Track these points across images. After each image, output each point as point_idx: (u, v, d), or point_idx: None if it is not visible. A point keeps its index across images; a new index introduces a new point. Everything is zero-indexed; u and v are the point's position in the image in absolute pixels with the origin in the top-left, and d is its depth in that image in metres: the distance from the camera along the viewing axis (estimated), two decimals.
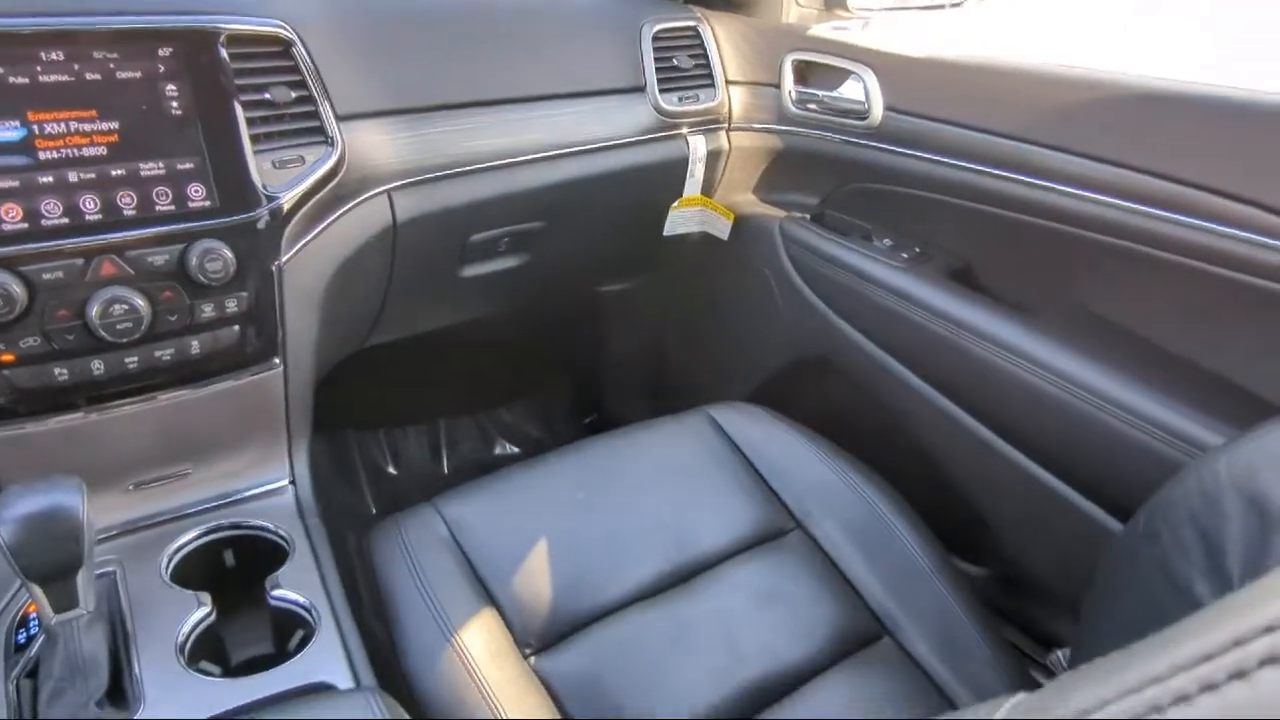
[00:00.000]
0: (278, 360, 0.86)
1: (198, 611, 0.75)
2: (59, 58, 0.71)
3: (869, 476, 1.00)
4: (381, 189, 0.93)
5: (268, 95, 0.81)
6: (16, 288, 0.70)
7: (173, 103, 0.77)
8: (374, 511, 1.53)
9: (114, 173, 0.74)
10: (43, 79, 0.70)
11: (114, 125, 0.74)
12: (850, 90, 1.10)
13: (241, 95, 0.79)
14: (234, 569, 0.86)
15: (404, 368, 1.50)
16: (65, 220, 0.72)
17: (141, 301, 0.75)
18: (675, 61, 1.16)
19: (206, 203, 0.77)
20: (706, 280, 1.41)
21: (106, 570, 0.78)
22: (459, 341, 1.44)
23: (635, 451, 1.01)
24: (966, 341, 0.98)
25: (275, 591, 0.79)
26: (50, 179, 0.71)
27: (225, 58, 0.78)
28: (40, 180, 0.71)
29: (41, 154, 0.71)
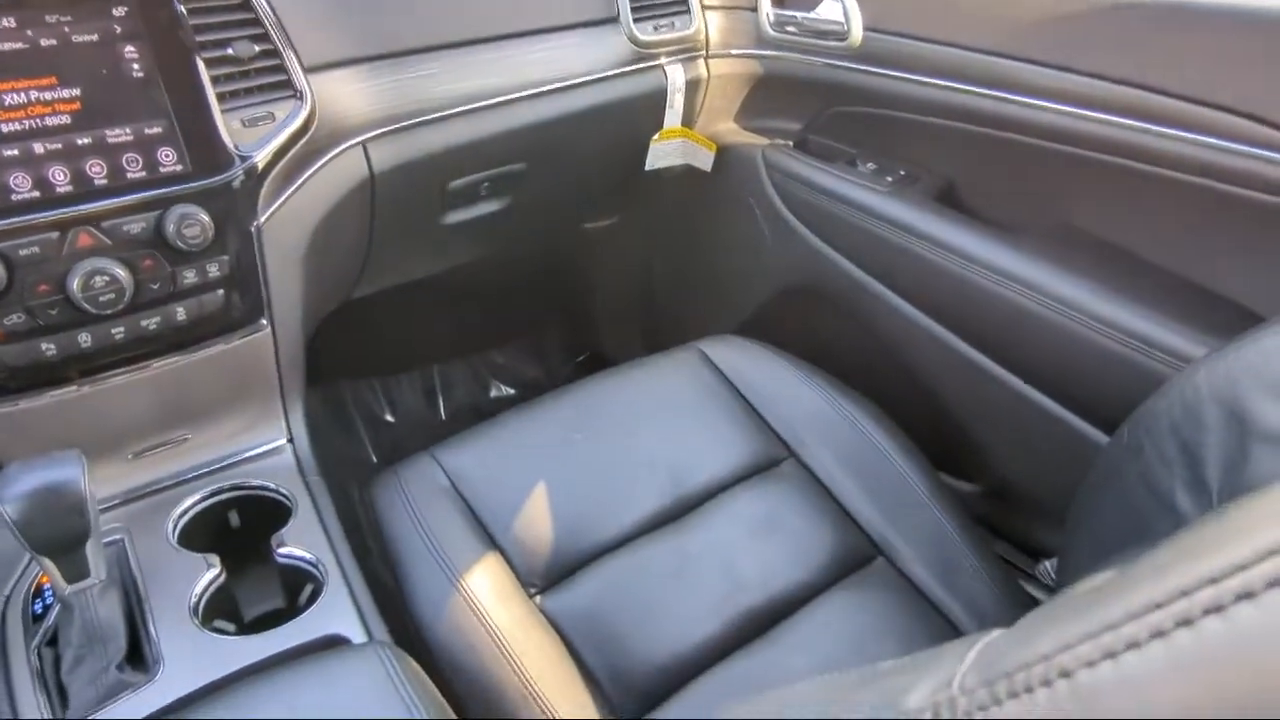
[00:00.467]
0: (265, 321, 0.86)
1: (208, 573, 0.77)
2: (11, 25, 0.69)
3: (859, 402, 1.01)
4: (355, 141, 0.92)
5: (230, 50, 0.79)
6: None
7: (133, 64, 0.75)
8: (375, 460, 1.55)
9: (80, 141, 0.72)
10: None
11: (75, 92, 0.72)
12: (828, 10, 1.07)
13: (203, 52, 0.77)
14: (239, 529, 0.88)
15: (394, 316, 1.50)
16: (36, 194, 0.71)
17: (122, 271, 0.74)
18: None
19: (178, 167, 0.76)
20: (692, 213, 1.40)
21: (114, 539, 0.80)
22: (448, 287, 1.44)
23: (627, 390, 1.02)
24: (951, 263, 0.98)
25: (281, 549, 0.81)
26: (15, 152, 0.70)
27: (183, 12, 0.75)
28: (5, 154, 0.69)
29: (3, 126, 0.70)
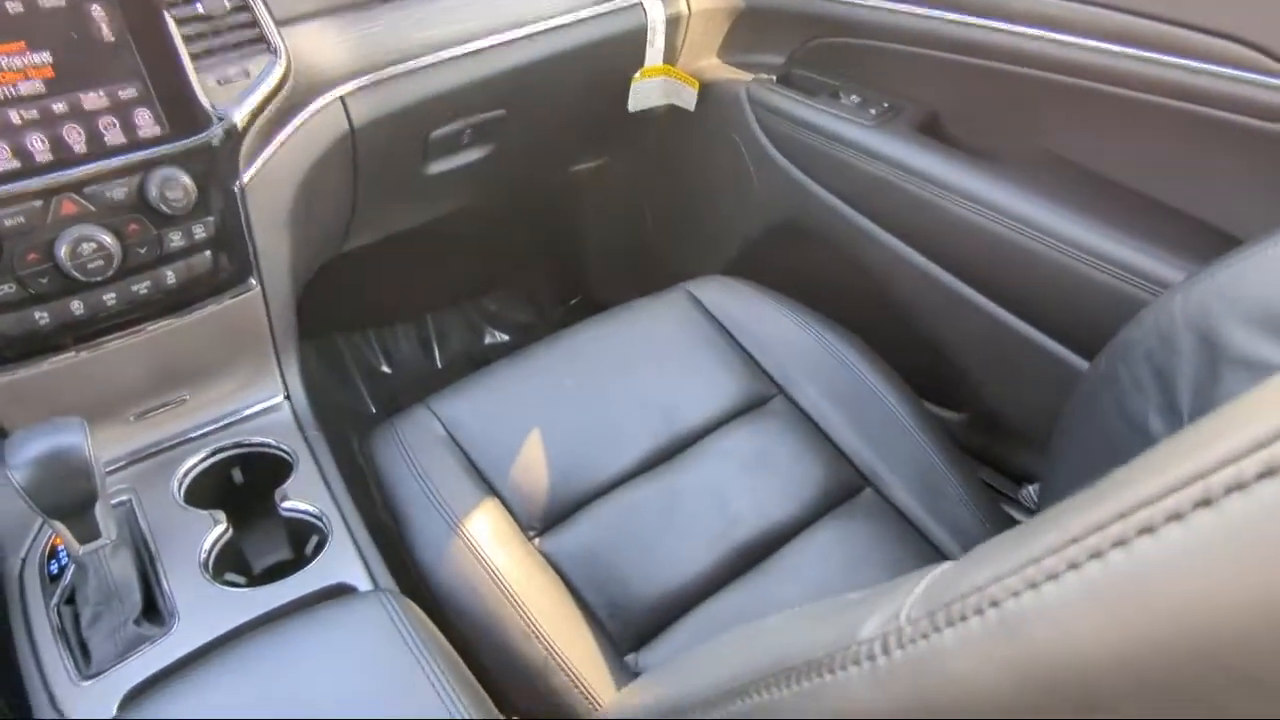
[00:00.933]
0: (254, 281, 0.87)
1: (215, 529, 0.80)
2: None
3: (845, 337, 1.02)
4: (333, 94, 0.91)
5: (199, 7, 0.78)
6: None
7: (102, 26, 0.74)
8: (373, 411, 1.57)
9: (56, 108, 0.72)
10: None
11: (46, 58, 0.71)
12: None
13: (172, 10, 0.76)
14: (243, 485, 0.90)
15: (385, 268, 1.50)
16: (16, 163, 0.71)
17: (109, 238, 0.75)
18: None
19: (156, 129, 0.76)
20: (678, 152, 1.40)
21: (122, 499, 0.82)
22: (437, 236, 1.44)
23: (618, 334, 1.04)
24: (934, 195, 0.98)
25: (285, 503, 0.83)
26: None
27: None
28: None
29: None
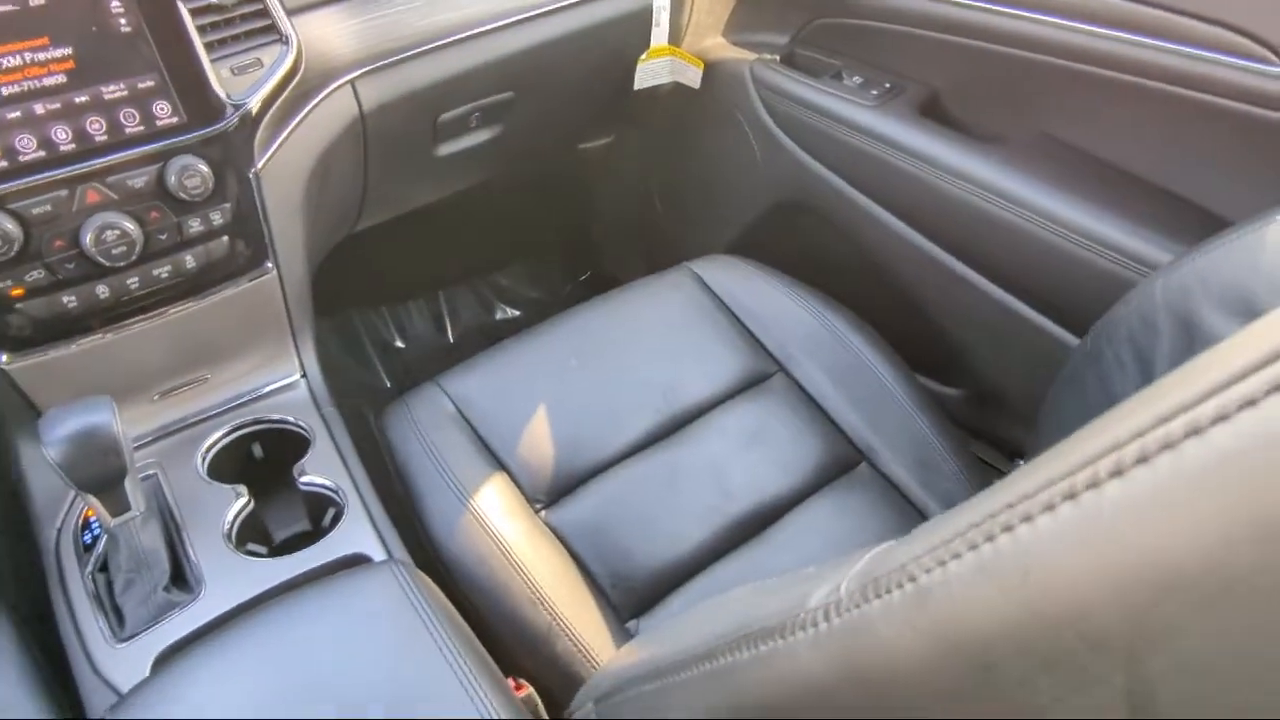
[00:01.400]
0: (270, 264, 0.90)
1: (237, 502, 0.84)
2: None
3: (845, 316, 1.05)
4: (343, 80, 0.94)
5: None
6: (10, 225, 0.73)
7: (120, 20, 0.76)
8: (388, 385, 1.61)
9: (78, 100, 0.75)
10: None
11: (67, 51, 0.74)
12: None
13: (186, 2, 0.79)
14: (263, 460, 0.94)
15: (398, 246, 1.53)
16: (41, 154, 0.74)
17: (131, 225, 0.78)
18: None
19: (174, 119, 0.79)
20: (684, 131, 1.41)
21: (149, 473, 0.86)
22: (449, 214, 1.47)
23: (622, 314, 1.06)
24: (932, 176, 1.00)
25: (304, 478, 0.87)
26: (18, 114, 0.73)
27: None
28: (8, 116, 0.72)
29: (3, 89, 0.72)
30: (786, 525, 0.88)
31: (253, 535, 0.86)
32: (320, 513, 0.89)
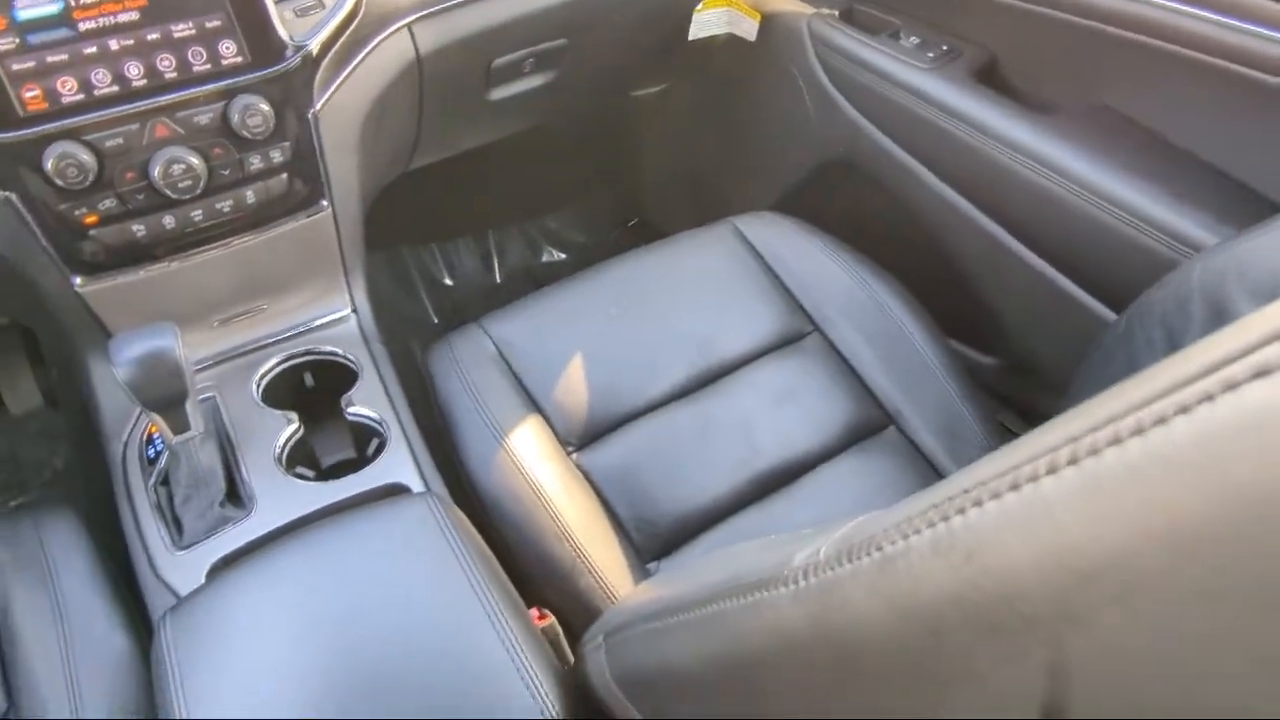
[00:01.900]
0: (325, 202, 0.93)
1: (289, 428, 0.89)
2: None
3: (884, 279, 1.05)
4: (401, 24, 0.95)
5: None
6: (86, 156, 0.78)
7: None
8: (435, 321, 1.66)
9: (150, 37, 0.78)
10: None
11: None
12: None
13: None
14: (314, 389, 0.99)
15: (450, 185, 1.56)
16: (115, 88, 0.78)
17: (196, 160, 0.82)
18: None
19: (239, 58, 0.82)
20: (737, 82, 1.40)
21: (208, 396, 0.92)
22: (500, 155, 1.49)
23: (664, 266, 1.08)
24: (982, 142, 0.99)
25: (351, 409, 0.92)
26: (94, 49, 0.76)
27: None
28: (85, 51, 0.76)
29: (81, 24, 0.76)
30: (809, 482, 0.91)
31: (301, 459, 0.91)
32: (365, 442, 0.94)
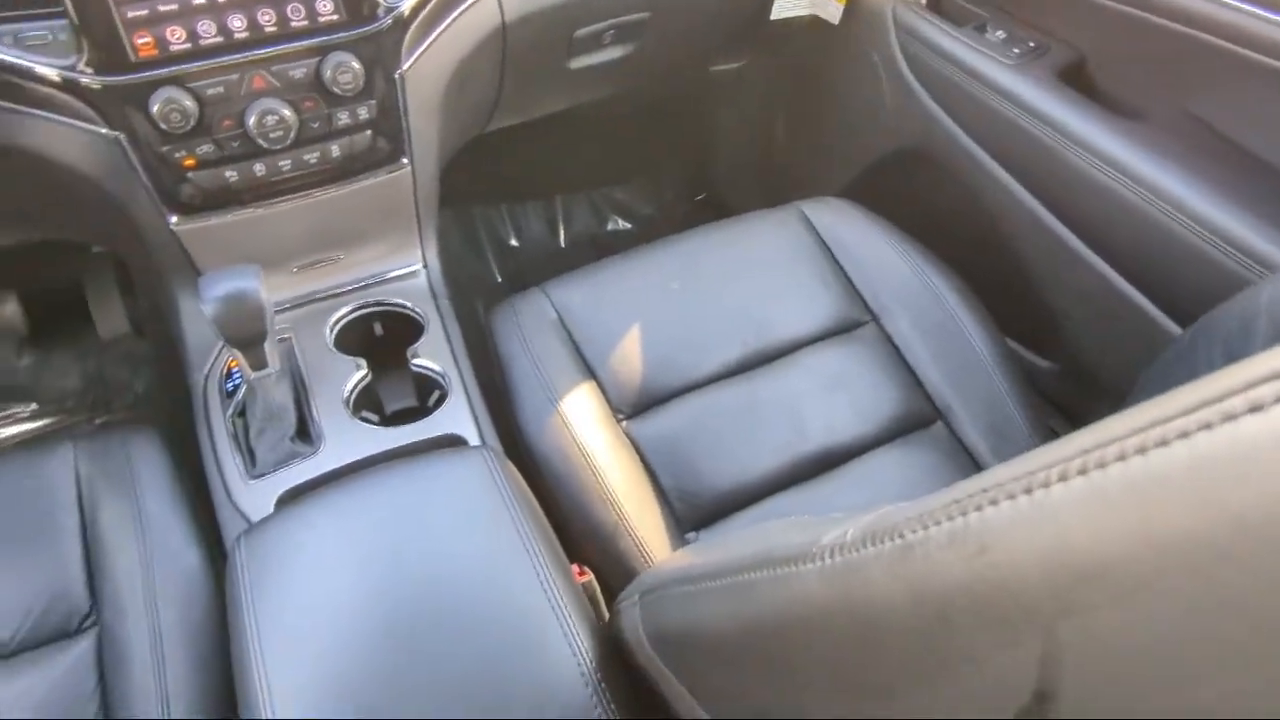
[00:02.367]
0: (405, 160, 0.97)
1: (357, 373, 0.94)
2: None
3: (945, 273, 1.05)
4: None
5: None
6: (189, 102, 0.82)
7: None
8: (498, 280, 1.70)
9: None
10: None
11: None
12: None
13: None
14: (382, 339, 1.04)
15: (522, 149, 1.59)
16: (220, 39, 0.82)
17: (288, 112, 0.86)
18: None
19: (335, 16, 0.85)
20: (815, 64, 1.40)
21: (284, 337, 0.97)
22: (574, 122, 1.51)
23: (727, 246, 1.09)
24: (1060, 144, 0.98)
25: (416, 360, 0.96)
26: (202, 1, 0.81)
27: None
28: (194, 2, 0.80)
29: None
30: (851, 470, 0.92)
31: (367, 404, 0.96)
32: (426, 393, 0.98)
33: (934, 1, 1.20)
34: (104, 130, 0.83)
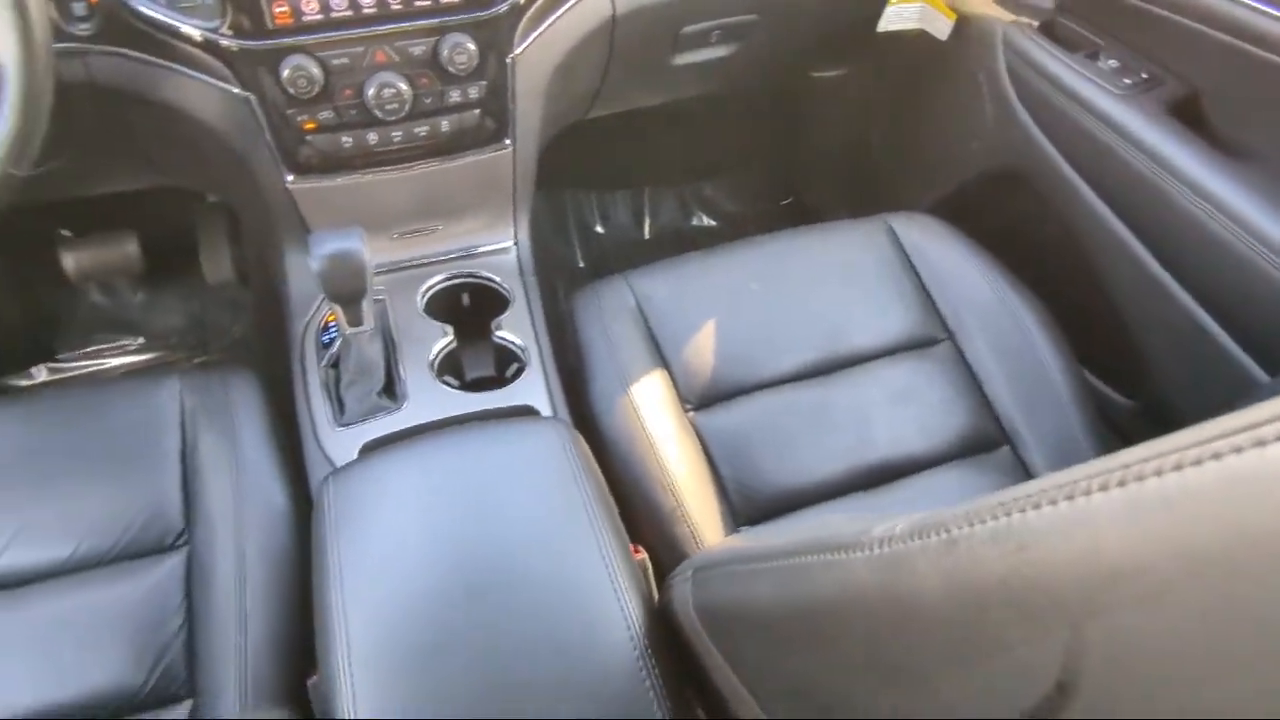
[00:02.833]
0: (508, 140, 1.01)
1: (443, 339, 0.99)
2: None
3: (1029, 299, 1.04)
4: None
5: None
6: (316, 70, 0.88)
7: None
8: (581, 265, 1.74)
9: None
10: None
11: None
12: None
13: None
14: (468, 309, 1.09)
15: (617, 138, 1.62)
16: (350, 13, 0.87)
17: (405, 86, 0.91)
18: None
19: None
20: (918, 79, 1.39)
21: (380, 298, 1.03)
22: (670, 116, 1.53)
23: (810, 252, 1.11)
24: (1163, 180, 0.96)
25: (499, 332, 1.01)
26: None
27: None
28: None
29: None
30: (911, 485, 0.92)
31: (449, 369, 1.01)
32: (505, 364, 1.03)
33: (1048, 25, 1.19)
34: (236, 90, 0.89)
